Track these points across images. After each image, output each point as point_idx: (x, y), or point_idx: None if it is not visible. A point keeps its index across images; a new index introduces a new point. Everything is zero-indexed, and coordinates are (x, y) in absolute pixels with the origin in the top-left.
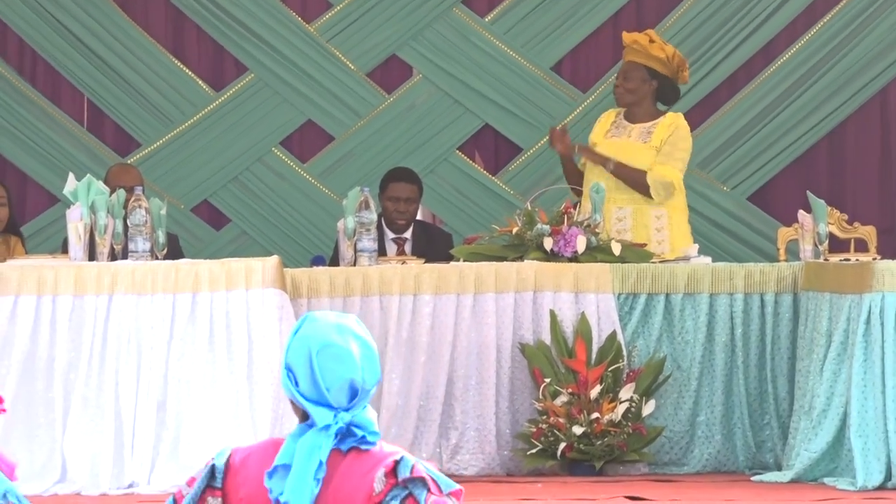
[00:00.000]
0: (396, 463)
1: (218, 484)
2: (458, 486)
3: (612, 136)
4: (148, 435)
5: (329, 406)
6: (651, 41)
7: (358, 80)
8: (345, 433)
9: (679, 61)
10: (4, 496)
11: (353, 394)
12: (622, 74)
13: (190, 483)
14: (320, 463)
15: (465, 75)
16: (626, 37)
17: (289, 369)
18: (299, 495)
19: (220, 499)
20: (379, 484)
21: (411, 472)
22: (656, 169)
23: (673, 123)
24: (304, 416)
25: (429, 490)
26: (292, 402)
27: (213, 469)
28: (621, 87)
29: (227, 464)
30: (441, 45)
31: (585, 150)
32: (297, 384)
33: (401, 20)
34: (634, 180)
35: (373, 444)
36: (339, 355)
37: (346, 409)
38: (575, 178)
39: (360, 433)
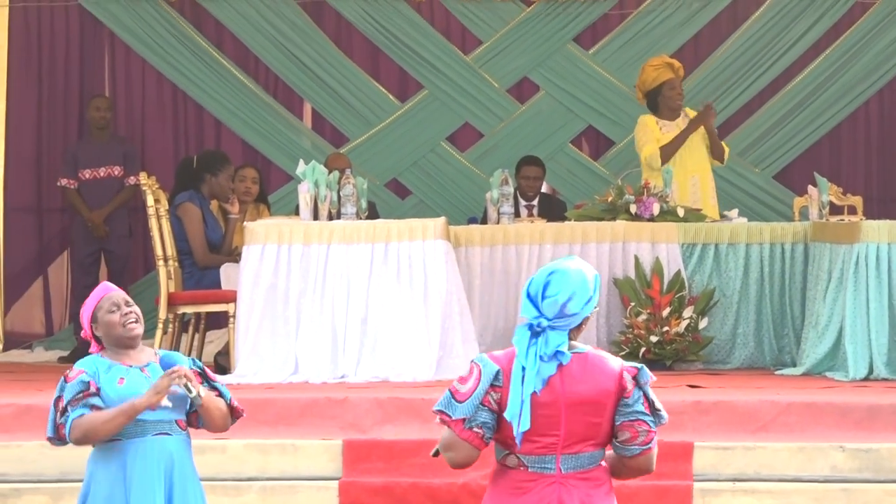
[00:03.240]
0: (639, 371)
1: (500, 383)
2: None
3: (665, 132)
4: (355, 341)
5: (539, 310)
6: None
7: (500, 94)
8: (541, 341)
9: None
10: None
11: (560, 313)
12: (678, 88)
13: (461, 381)
14: (527, 352)
15: (575, 91)
16: (675, 61)
17: (530, 282)
18: (531, 378)
19: (500, 393)
20: (628, 383)
21: (647, 380)
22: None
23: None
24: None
25: (647, 397)
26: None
27: (497, 372)
28: (680, 96)
29: (500, 369)
30: (558, 70)
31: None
32: (528, 286)
33: (530, 53)
34: (721, 146)
35: (564, 358)
36: (562, 281)
37: (549, 320)
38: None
39: (549, 349)
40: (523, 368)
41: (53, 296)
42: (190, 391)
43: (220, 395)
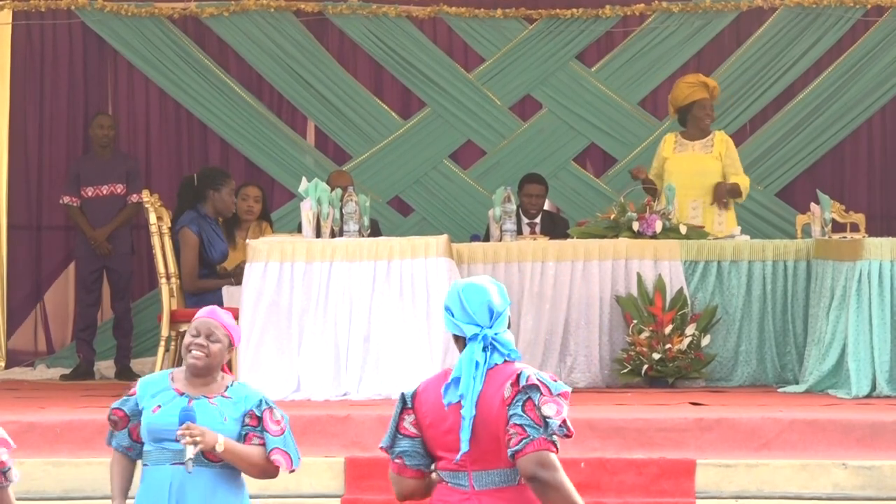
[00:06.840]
0: (517, 375)
1: (409, 405)
2: (566, 388)
3: (678, 151)
4: (357, 359)
5: (476, 324)
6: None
7: (503, 111)
8: (491, 347)
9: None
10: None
11: (491, 314)
12: (709, 109)
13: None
14: (476, 363)
15: (578, 108)
16: (711, 81)
17: (448, 310)
18: (468, 389)
19: (413, 415)
20: (507, 391)
21: (527, 380)
22: (741, 180)
23: (725, 139)
24: (463, 345)
25: (541, 393)
26: (455, 338)
27: (403, 396)
28: (710, 117)
29: (415, 392)
30: (561, 88)
31: (723, 185)
32: (453, 316)
33: (533, 70)
34: (735, 191)
35: (515, 359)
36: (476, 289)
37: (489, 327)
38: (651, 190)
39: (504, 350)
40: (473, 379)
41: (56, 313)
42: (187, 456)
43: (264, 443)
